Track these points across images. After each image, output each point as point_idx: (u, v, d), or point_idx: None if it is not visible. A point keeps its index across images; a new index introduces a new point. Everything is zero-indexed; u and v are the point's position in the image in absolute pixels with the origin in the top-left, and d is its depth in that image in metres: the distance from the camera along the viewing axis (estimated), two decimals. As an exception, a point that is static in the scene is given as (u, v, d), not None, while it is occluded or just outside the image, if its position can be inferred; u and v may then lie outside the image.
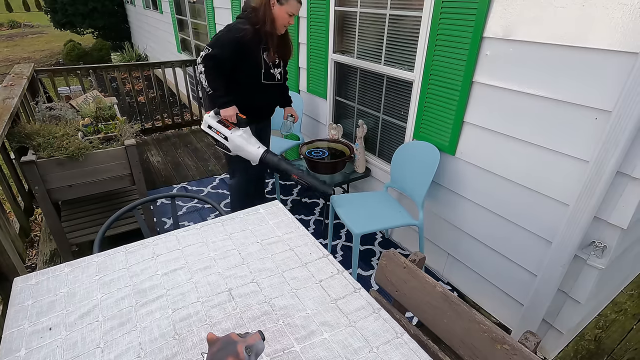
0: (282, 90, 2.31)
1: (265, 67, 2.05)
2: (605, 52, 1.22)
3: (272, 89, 2.17)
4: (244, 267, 1.13)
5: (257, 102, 2.17)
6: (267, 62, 2.05)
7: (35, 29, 17.43)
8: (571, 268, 1.50)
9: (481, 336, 0.87)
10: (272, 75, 2.11)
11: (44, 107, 2.33)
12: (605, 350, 1.80)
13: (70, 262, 1.14)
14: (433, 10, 1.73)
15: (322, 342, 0.88)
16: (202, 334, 0.90)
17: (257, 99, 2.15)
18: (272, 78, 2.12)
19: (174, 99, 5.67)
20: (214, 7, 4.18)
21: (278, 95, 2.30)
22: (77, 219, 2.34)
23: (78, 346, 0.87)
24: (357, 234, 1.88)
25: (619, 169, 1.27)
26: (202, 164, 3.54)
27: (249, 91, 2.09)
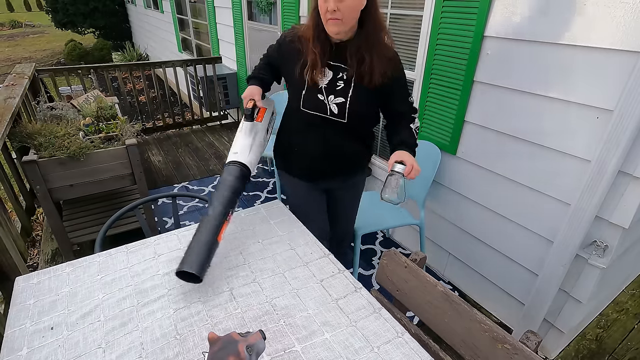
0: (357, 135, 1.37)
1: (309, 89, 1.27)
2: (607, 51, 1.22)
3: (321, 125, 1.30)
4: (245, 266, 1.13)
5: (294, 140, 1.42)
6: (314, 81, 1.25)
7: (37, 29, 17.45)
8: (572, 267, 1.49)
9: (482, 336, 0.87)
10: (320, 104, 1.26)
11: (45, 107, 2.33)
12: (607, 350, 1.79)
13: (72, 261, 1.14)
14: (434, 10, 1.73)
15: (323, 342, 0.89)
16: (204, 333, 0.90)
17: (294, 136, 1.42)
18: (319, 108, 1.27)
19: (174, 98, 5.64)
20: (215, 7, 4.18)
21: (344, 139, 1.34)
22: (78, 218, 2.35)
23: (80, 346, 0.87)
24: (358, 234, 1.88)
25: (620, 168, 1.26)
26: (203, 164, 3.54)
27: (287, 118, 1.44)
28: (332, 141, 1.34)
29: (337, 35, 1.18)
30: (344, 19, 1.11)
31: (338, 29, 1.14)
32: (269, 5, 3.22)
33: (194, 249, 1.04)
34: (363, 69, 1.20)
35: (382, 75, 1.21)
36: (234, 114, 4.65)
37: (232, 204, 1.16)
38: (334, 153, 1.37)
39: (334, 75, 1.25)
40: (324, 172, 1.43)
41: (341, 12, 1.09)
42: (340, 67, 1.24)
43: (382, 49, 1.20)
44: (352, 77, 1.23)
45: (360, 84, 1.23)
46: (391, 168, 1.17)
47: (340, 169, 1.43)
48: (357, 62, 1.20)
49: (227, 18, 3.96)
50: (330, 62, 1.26)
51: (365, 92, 1.24)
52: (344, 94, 1.25)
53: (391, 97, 1.29)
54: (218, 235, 1.09)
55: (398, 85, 1.27)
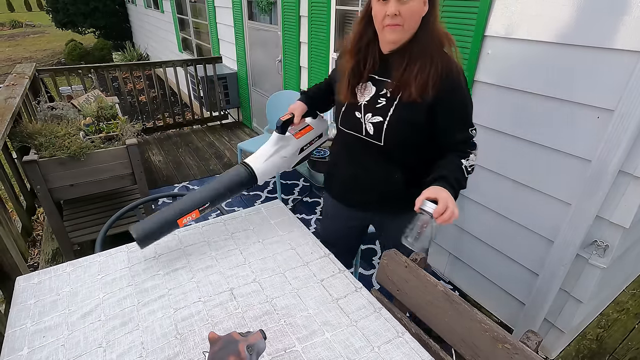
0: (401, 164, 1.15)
1: (349, 105, 1.14)
2: (607, 50, 1.22)
3: (358, 147, 1.16)
4: (245, 266, 1.13)
5: (334, 159, 1.34)
6: (351, 97, 1.12)
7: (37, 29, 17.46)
8: (573, 267, 1.49)
9: (482, 335, 0.87)
10: (356, 122, 1.12)
11: (46, 107, 2.33)
12: (607, 350, 1.79)
13: (72, 261, 1.14)
14: (434, 9, 1.73)
15: (323, 342, 0.89)
16: (204, 333, 0.90)
17: (334, 155, 1.33)
18: (355, 127, 1.13)
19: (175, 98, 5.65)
20: (215, 7, 4.18)
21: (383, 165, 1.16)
22: (78, 218, 2.35)
23: (80, 345, 0.87)
24: (359, 233, 1.88)
25: (621, 168, 1.26)
26: (203, 164, 3.55)
27: (336, 136, 1.30)
28: (368, 166, 1.18)
29: (394, 45, 1.02)
30: (405, 25, 0.97)
31: (397, 37, 0.99)
32: (269, 5, 3.22)
33: (152, 218, 1.06)
34: (403, 79, 1.02)
35: (423, 88, 0.99)
36: (234, 113, 4.65)
37: (214, 199, 1.12)
38: (369, 180, 1.20)
39: (376, 91, 1.09)
40: (360, 200, 1.27)
41: (402, 17, 0.95)
42: (385, 82, 1.08)
43: (431, 60, 0.99)
44: (396, 93, 1.05)
45: (404, 102, 1.04)
46: (419, 206, 0.96)
47: (378, 200, 1.22)
48: (401, 74, 1.02)
49: (227, 18, 3.96)
50: (375, 77, 1.10)
51: (410, 111, 1.04)
52: (383, 113, 1.07)
53: (438, 120, 1.05)
54: (180, 219, 1.07)
55: (450, 107, 1.04)
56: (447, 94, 1.01)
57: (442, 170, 1.04)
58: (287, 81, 3.21)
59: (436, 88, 1.00)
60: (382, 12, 0.97)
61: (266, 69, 3.67)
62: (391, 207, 1.23)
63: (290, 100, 3.00)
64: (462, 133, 1.07)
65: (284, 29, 3.02)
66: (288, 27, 2.95)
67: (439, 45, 1.02)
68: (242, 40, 3.80)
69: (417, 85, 1.00)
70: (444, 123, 1.06)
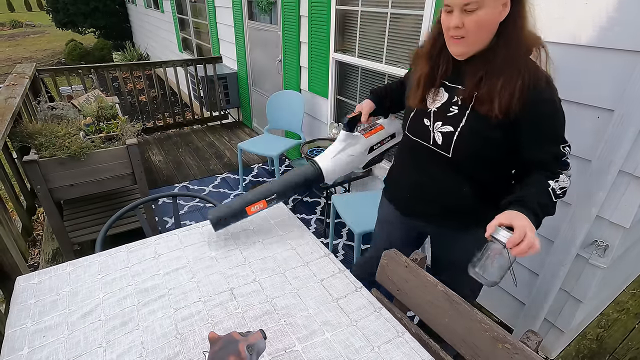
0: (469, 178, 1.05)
1: (418, 111, 1.08)
2: (608, 50, 1.22)
3: (424, 156, 1.09)
4: (245, 266, 1.13)
5: (397, 164, 1.26)
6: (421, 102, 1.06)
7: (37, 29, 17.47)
8: (573, 267, 1.49)
9: (482, 335, 0.87)
10: (424, 130, 1.06)
11: (46, 107, 2.33)
12: (607, 350, 1.79)
13: (73, 261, 1.14)
14: (434, 9, 1.73)
15: (323, 342, 0.89)
16: (204, 333, 0.90)
17: (398, 160, 1.25)
18: (422, 134, 1.07)
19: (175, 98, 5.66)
20: (215, 6, 4.18)
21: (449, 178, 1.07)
22: (79, 218, 2.35)
23: (80, 345, 0.87)
24: (359, 233, 1.88)
25: (621, 167, 1.26)
26: (203, 163, 3.55)
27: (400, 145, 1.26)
28: (435, 176, 1.09)
29: (462, 57, 0.95)
30: (470, 38, 0.89)
31: (461, 50, 0.92)
32: (269, 5, 3.22)
33: (225, 205, 1.18)
34: (482, 92, 0.92)
35: (508, 104, 0.89)
36: (234, 113, 4.65)
37: (281, 191, 1.18)
38: (435, 190, 1.11)
39: (448, 99, 1.01)
40: (422, 211, 1.18)
41: (466, 29, 0.87)
42: (457, 90, 1.00)
43: (518, 72, 0.88)
44: (468, 101, 0.96)
45: (479, 113, 0.94)
46: (491, 232, 0.84)
47: (441, 213, 1.13)
48: (476, 83, 0.93)
49: (227, 18, 3.96)
50: (447, 83, 1.03)
51: (484, 124, 0.94)
52: (454, 122, 0.99)
53: (522, 135, 0.94)
54: (248, 207, 1.15)
55: (536, 120, 0.92)
56: (532, 106, 0.90)
57: (523, 192, 0.92)
58: (287, 81, 3.21)
59: (521, 102, 0.89)
60: (446, 22, 0.91)
61: (266, 69, 3.67)
62: (455, 221, 1.13)
63: (291, 100, 3.01)
64: (550, 150, 0.94)
65: (284, 29, 3.02)
66: (288, 27, 2.95)
67: (526, 53, 0.91)
68: (242, 40, 3.80)
69: (501, 101, 0.89)
70: (529, 138, 0.94)
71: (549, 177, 0.93)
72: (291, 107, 3.00)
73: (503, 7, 0.86)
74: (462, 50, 0.92)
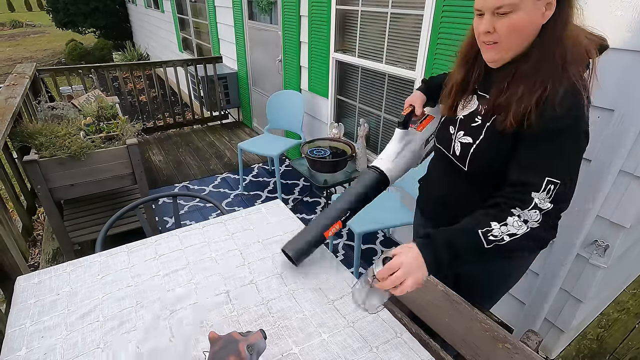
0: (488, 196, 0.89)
1: (447, 117, 1.02)
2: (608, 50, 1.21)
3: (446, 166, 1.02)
4: (244, 267, 1.13)
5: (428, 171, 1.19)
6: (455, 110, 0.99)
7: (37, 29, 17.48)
8: (573, 267, 1.49)
9: (483, 335, 0.87)
10: (448, 138, 1.00)
11: (46, 107, 2.34)
12: (608, 350, 1.79)
13: (73, 261, 1.14)
14: (434, 9, 1.73)
15: (320, 344, 0.88)
16: (200, 336, 0.89)
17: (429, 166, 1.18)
18: (445, 142, 1.01)
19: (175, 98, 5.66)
20: (215, 6, 4.18)
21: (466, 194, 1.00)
22: (79, 218, 2.35)
23: (78, 346, 0.87)
24: (359, 233, 1.88)
25: (621, 167, 1.26)
26: (203, 163, 3.55)
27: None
28: (453, 190, 1.02)
29: (495, 64, 0.85)
30: (503, 44, 0.79)
31: (493, 57, 0.83)
32: (269, 5, 3.22)
33: (301, 236, 1.10)
34: (501, 100, 0.83)
35: (522, 115, 0.79)
36: (234, 113, 4.65)
37: (352, 207, 1.11)
38: (452, 206, 1.03)
39: (476, 107, 0.93)
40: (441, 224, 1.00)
41: (498, 34, 0.78)
42: (484, 99, 0.91)
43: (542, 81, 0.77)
44: (490, 112, 0.87)
45: (496, 126, 0.85)
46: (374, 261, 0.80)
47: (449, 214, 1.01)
48: (500, 91, 0.84)
49: (227, 17, 3.96)
50: (478, 90, 0.94)
51: (501, 138, 0.85)
52: (475, 134, 0.91)
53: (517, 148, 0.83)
54: (326, 232, 1.09)
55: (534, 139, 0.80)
56: (542, 121, 0.77)
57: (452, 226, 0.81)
58: (287, 81, 3.21)
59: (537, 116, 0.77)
60: (477, 27, 0.82)
61: (266, 69, 3.67)
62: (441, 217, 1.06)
63: (291, 100, 3.01)
64: (526, 175, 0.79)
65: (284, 29, 3.02)
66: (288, 27, 2.95)
67: (562, 61, 0.77)
68: (243, 40, 3.80)
69: (516, 111, 0.79)
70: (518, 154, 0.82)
71: (497, 214, 0.79)
72: (291, 107, 3.00)
73: (546, 9, 0.75)
74: (495, 56, 0.83)
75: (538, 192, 0.77)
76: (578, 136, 0.78)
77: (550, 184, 0.76)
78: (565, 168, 0.78)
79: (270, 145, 2.90)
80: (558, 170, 0.77)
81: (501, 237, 0.77)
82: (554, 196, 0.77)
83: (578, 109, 0.77)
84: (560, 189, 0.76)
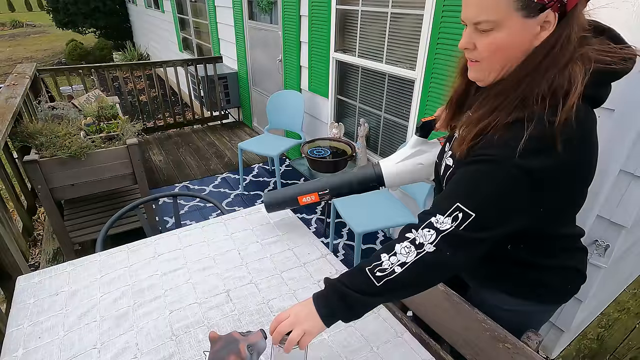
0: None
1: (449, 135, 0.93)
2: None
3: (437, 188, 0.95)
4: (242, 267, 1.12)
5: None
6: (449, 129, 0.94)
7: (38, 29, 17.49)
8: (573, 267, 1.49)
9: (483, 335, 0.87)
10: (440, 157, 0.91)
11: (47, 107, 2.34)
12: (608, 350, 1.79)
13: (73, 260, 1.14)
14: (435, 9, 1.73)
15: (321, 343, 0.88)
16: (200, 335, 0.89)
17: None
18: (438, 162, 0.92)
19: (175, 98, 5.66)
20: (216, 6, 4.18)
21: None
22: (79, 217, 2.35)
23: (75, 347, 0.87)
24: (359, 233, 1.88)
25: (621, 167, 1.26)
26: (203, 163, 3.55)
27: None
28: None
29: (481, 83, 0.74)
30: (482, 63, 0.70)
31: (476, 75, 0.73)
32: (269, 5, 3.22)
33: (280, 190, 1.19)
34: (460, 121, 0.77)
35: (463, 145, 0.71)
36: (234, 113, 4.65)
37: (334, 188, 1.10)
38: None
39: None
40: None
41: (478, 52, 0.68)
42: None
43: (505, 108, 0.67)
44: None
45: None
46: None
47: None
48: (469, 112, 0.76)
49: (227, 17, 3.96)
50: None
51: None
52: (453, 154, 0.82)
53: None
54: (300, 197, 1.14)
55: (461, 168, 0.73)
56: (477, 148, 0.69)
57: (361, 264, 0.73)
58: (287, 81, 3.21)
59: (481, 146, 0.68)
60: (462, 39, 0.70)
61: (266, 69, 3.67)
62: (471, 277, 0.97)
63: (291, 99, 3.01)
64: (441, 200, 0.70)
65: (284, 29, 3.02)
66: (288, 27, 2.95)
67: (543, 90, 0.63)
68: (243, 39, 3.80)
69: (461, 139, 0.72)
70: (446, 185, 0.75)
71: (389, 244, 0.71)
72: (291, 107, 2.99)
73: (542, 29, 0.63)
74: (477, 75, 0.73)
75: (443, 215, 0.67)
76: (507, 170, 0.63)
77: (458, 210, 0.65)
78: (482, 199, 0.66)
79: (271, 145, 2.90)
80: (473, 198, 0.66)
81: (391, 270, 0.68)
82: (462, 223, 0.65)
83: (516, 141, 0.62)
84: (474, 221, 0.64)
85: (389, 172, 1.07)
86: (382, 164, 1.09)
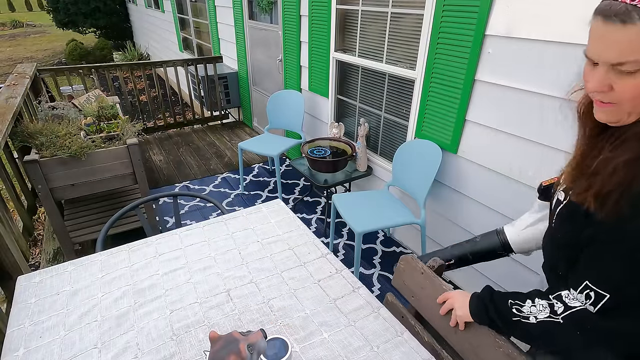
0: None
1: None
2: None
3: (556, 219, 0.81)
4: (243, 267, 1.13)
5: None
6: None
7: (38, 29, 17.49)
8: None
9: (495, 351, 0.84)
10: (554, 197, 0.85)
11: (47, 107, 2.34)
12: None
13: (73, 260, 1.15)
14: (435, 8, 1.73)
15: (321, 342, 0.89)
16: (200, 335, 0.90)
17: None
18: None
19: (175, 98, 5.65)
20: (216, 6, 4.18)
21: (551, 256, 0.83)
22: (80, 217, 2.35)
23: (76, 346, 0.87)
24: (359, 233, 1.88)
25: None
26: (204, 163, 3.55)
27: None
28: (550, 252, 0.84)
29: (614, 124, 0.64)
30: (622, 106, 0.60)
31: (609, 118, 0.63)
32: (269, 5, 3.22)
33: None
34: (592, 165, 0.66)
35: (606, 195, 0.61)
36: (234, 113, 4.65)
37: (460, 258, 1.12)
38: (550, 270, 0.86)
39: None
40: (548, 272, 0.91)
41: (617, 95, 0.59)
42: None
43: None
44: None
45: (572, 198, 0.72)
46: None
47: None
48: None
49: (228, 17, 3.96)
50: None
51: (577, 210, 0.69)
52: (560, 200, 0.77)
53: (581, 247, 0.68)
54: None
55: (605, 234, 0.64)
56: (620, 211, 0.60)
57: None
58: (287, 81, 3.21)
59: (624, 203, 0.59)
60: (587, 78, 0.62)
61: (267, 69, 3.67)
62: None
63: (291, 99, 3.01)
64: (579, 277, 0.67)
65: (284, 29, 3.02)
66: (288, 27, 2.95)
67: None
68: (243, 39, 3.80)
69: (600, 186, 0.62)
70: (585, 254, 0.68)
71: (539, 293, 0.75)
72: (292, 107, 3.00)
73: None
74: (609, 118, 0.63)
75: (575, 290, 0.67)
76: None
77: (588, 289, 0.65)
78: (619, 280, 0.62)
79: (271, 145, 2.91)
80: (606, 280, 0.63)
81: (527, 315, 0.74)
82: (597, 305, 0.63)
83: None
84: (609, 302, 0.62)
85: (515, 239, 1.07)
86: (507, 231, 1.08)
